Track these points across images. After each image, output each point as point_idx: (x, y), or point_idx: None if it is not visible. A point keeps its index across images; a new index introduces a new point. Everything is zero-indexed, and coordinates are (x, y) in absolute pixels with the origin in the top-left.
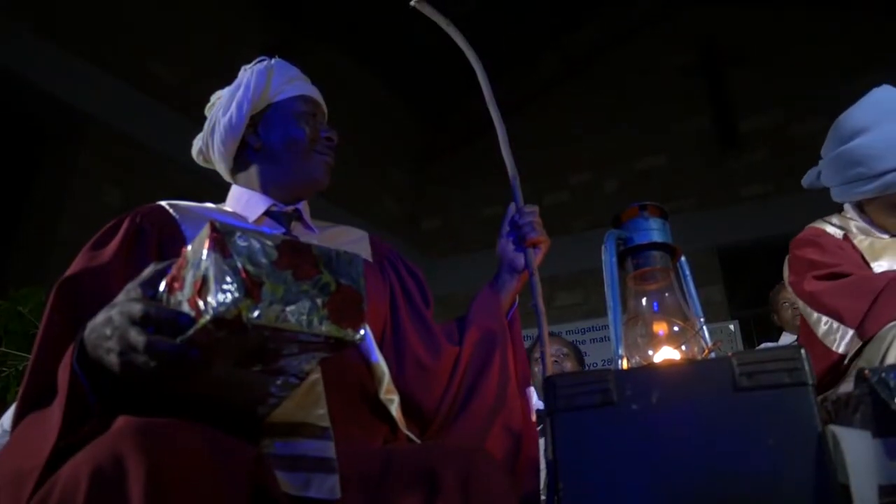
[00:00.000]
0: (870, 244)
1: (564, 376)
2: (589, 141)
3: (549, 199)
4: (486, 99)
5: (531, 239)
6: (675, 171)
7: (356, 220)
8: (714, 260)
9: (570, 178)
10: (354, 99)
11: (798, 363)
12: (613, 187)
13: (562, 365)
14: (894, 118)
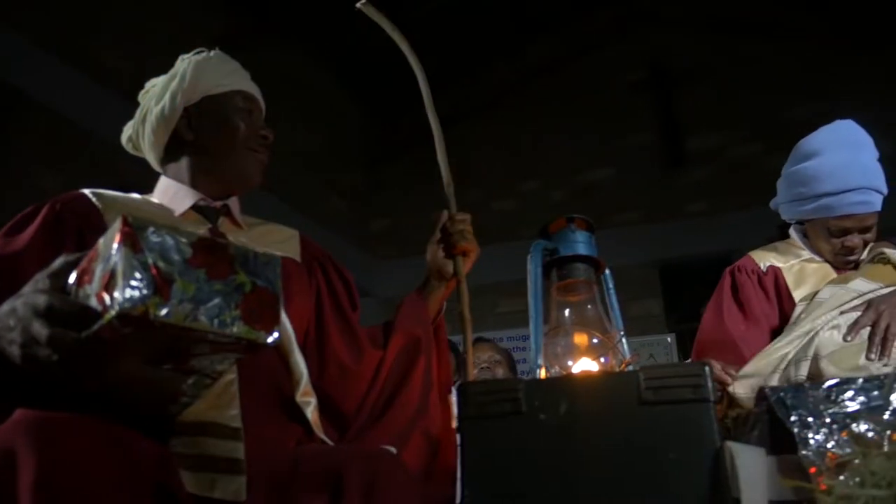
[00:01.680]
0: (799, 269)
1: (476, 384)
2: (539, 150)
3: (497, 206)
4: (426, 106)
5: (461, 247)
6: (621, 185)
7: (303, 219)
8: (654, 274)
9: (519, 186)
10: (308, 96)
11: (701, 380)
12: (561, 197)
13: (493, 372)
14: (844, 149)
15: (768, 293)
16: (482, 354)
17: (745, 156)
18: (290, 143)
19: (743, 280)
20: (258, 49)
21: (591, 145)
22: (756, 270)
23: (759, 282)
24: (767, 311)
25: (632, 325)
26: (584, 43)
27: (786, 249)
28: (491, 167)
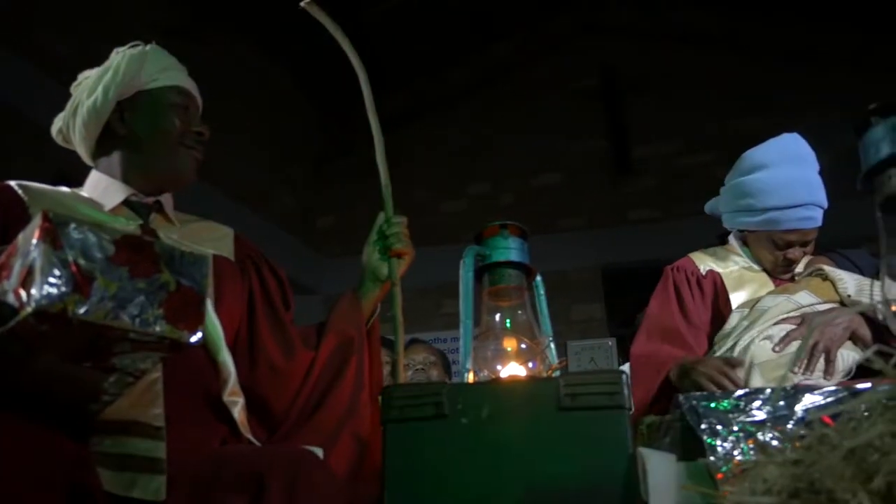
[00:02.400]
0: (738, 275)
1: (400, 387)
2: (489, 153)
3: (446, 208)
4: (367, 107)
5: (396, 249)
6: (569, 190)
7: (251, 214)
8: (598, 278)
9: (468, 188)
10: (259, 90)
11: (618, 388)
12: (509, 200)
13: (428, 373)
14: (792, 164)
15: (705, 296)
16: (417, 356)
17: (691, 165)
18: (239, 138)
19: (680, 279)
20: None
21: (540, 150)
22: (695, 272)
23: (697, 283)
24: (701, 312)
25: (574, 328)
26: (538, 49)
27: (725, 255)
28: (441, 168)
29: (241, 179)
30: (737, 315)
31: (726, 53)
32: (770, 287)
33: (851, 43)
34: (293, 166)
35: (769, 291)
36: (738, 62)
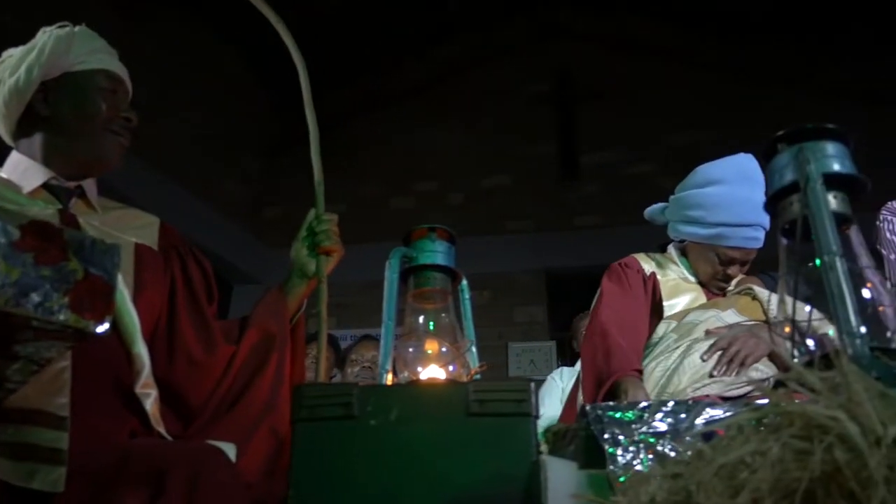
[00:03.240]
0: (675, 284)
1: (311, 387)
2: (440, 152)
3: (394, 204)
4: (305, 101)
5: (324, 247)
6: (517, 193)
7: (197, 201)
8: (542, 281)
9: (418, 185)
10: (212, 76)
11: (525, 395)
12: (458, 200)
13: (374, 371)
14: (745, 183)
15: (647, 295)
16: (366, 353)
17: (636, 175)
18: (189, 122)
19: (631, 274)
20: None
21: (491, 151)
22: (641, 271)
23: (643, 281)
24: (643, 310)
25: (516, 329)
26: (494, 50)
27: (664, 262)
28: (391, 164)
29: (189, 165)
30: (664, 325)
31: (678, 67)
32: (702, 300)
33: (795, 64)
34: (243, 155)
35: (699, 305)
36: (688, 76)
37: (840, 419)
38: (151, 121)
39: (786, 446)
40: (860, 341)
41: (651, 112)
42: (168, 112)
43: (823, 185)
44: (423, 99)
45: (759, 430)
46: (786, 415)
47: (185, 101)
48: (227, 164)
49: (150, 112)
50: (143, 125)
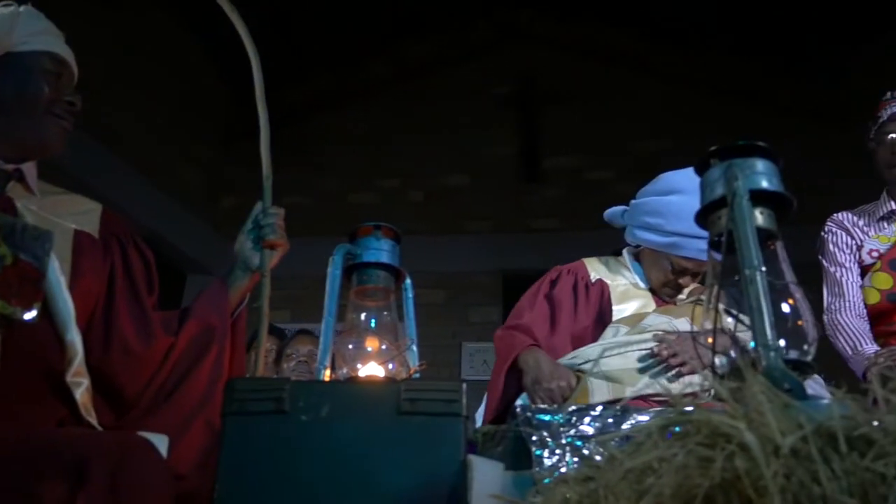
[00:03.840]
0: (625, 290)
1: (242, 380)
2: (402, 149)
3: (353, 199)
4: (257, 94)
5: (269, 241)
6: (477, 193)
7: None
8: (499, 282)
9: (379, 181)
10: (171, 62)
11: (456, 396)
12: (418, 198)
13: (311, 365)
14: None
15: (590, 303)
16: (302, 347)
17: (596, 180)
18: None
19: (566, 281)
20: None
21: (453, 151)
22: (585, 278)
23: (585, 289)
24: (582, 318)
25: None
26: (459, 49)
27: (616, 268)
28: (353, 159)
29: (145, 150)
30: (612, 330)
31: (640, 75)
32: (652, 306)
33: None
34: (200, 144)
35: (654, 310)
36: (650, 85)
37: (739, 429)
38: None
39: (690, 453)
40: (774, 354)
41: (612, 119)
42: (127, 98)
43: (750, 201)
44: (388, 96)
45: (662, 437)
46: (694, 423)
47: (144, 88)
48: (184, 152)
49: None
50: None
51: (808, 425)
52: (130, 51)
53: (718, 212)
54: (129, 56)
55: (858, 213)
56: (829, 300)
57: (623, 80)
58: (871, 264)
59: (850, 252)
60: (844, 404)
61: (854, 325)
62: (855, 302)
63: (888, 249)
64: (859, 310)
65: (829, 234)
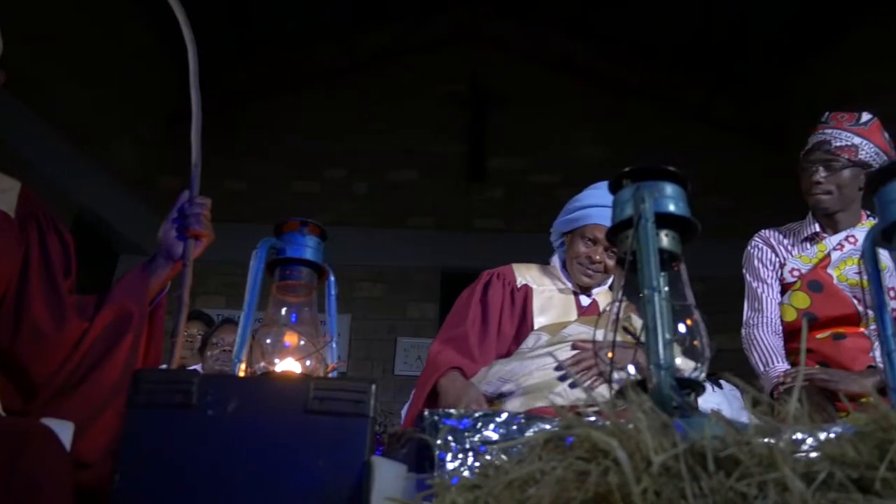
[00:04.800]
0: (549, 296)
1: (150, 372)
2: (350, 139)
3: (297, 187)
4: (191, 81)
5: (193, 230)
6: (422, 190)
7: (89, 162)
8: (437, 279)
9: (324, 171)
10: (117, 37)
11: (364, 397)
12: (363, 190)
13: None
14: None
15: (514, 308)
16: (227, 336)
17: (540, 184)
18: (89, 82)
19: (496, 286)
20: None
21: (400, 145)
22: (511, 283)
23: (510, 294)
24: (506, 323)
25: (408, 325)
26: (414, 44)
27: (544, 273)
28: (299, 147)
29: (85, 125)
30: (534, 337)
31: (588, 84)
32: (574, 313)
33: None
34: (142, 122)
35: (576, 319)
36: (596, 94)
37: (613, 445)
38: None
39: (569, 466)
40: (665, 373)
41: (559, 124)
42: (69, 72)
43: (654, 223)
44: (339, 85)
45: (545, 449)
46: (576, 437)
47: (87, 61)
48: (124, 129)
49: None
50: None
51: (681, 444)
52: (77, 23)
53: (626, 231)
54: (75, 29)
55: (785, 231)
56: (749, 314)
57: (572, 87)
58: (792, 283)
59: (772, 269)
60: (718, 425)
61: (768, 342)
62: (772, 318)
63: (809, 270)
64: (775, 326)
65: (754, 250)
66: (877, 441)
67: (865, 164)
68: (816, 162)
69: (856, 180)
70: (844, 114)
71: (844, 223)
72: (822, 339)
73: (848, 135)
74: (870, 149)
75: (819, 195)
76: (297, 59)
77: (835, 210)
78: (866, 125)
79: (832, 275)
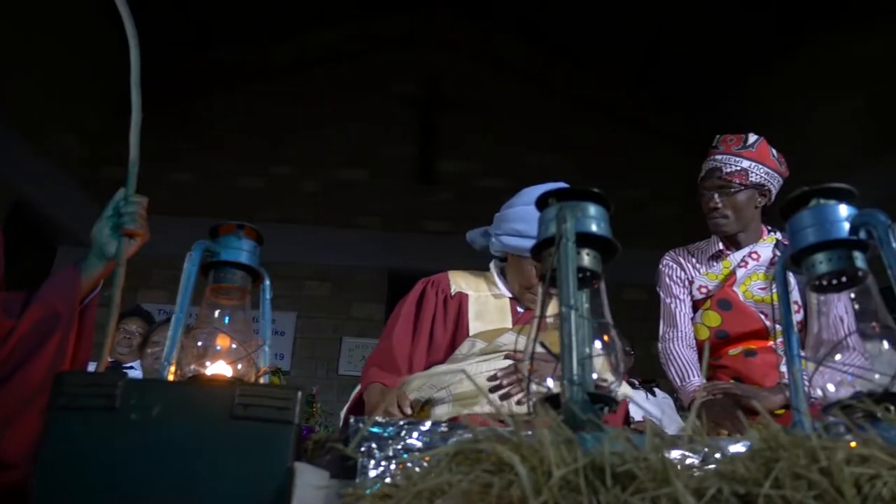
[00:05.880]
0: (484, 302)
1: (73, 374)
2: (300, 136)
3: (245, 183)
4: (132, 77)
5: (127, 229)
6: (371, 189)
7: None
8: (384, 280)
9: (271, 168)
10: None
11: (290, 403)
12: (311, 188)
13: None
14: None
15: (448, 316)
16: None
17: (489, 188)
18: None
19: (430, 295)
20: None
21: (350, 144)
22: (445, 291)
23: (444, 302)
24: (438, 332)
25: (352, 325)
26: (367, 44)
27: (480, 280)
28: (248, 142)
29: (25, 112)
30: (468, 344)
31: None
32: (509, 320)
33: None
34: (89, 111)
35: (511, 329)
36: (547, 102)
37: (514, 460)
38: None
39: (476, 479)
40: (577, 388)
41: (509, 130)
42: (10, 53)
43: (575, 243)
44: (291, 81)
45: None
46: (484, 451)
47: (31, 46)
48: (69, 117)
49: None
50: None
51: (582, 459)
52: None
53: (549, 249)
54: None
55: (692, 249)
56: (664, 330)
57: (524, 94)
58: (702, 301)
59: (682, 285)
60: (619, 441)
61: (684, 356)
62: (686, 332)
63: (716, 288)
64: (689, 340)
65: (665, 268)
66: (764, 459)
67: (758, 185)
68: (711, 189)
69: (751, 201)
70: (733, 136)
71: (746, 241)
72: (734, 354)
73: (737, 159)
74: (759, 170)
75: (717, 219)
76: (249, 54)
77: (735, 231)
78: (753, 147)
79: (738, 292)
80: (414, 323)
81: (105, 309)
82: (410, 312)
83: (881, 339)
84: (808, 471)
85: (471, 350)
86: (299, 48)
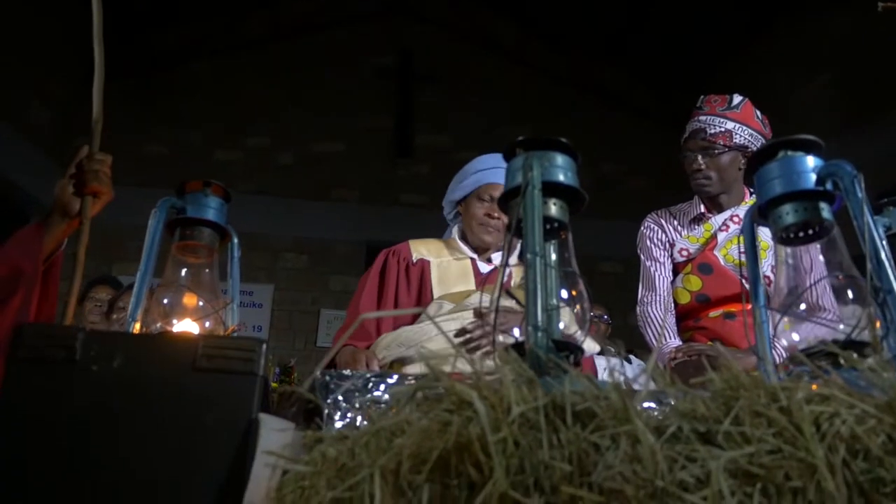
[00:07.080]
0: (447, 266)
1: (34, 327)
2: (275, 109)
3: (220, 155)
4: (94, 35)
5: (92, 187)
6: (349, 163)
7: None
8: (361, 253)
9: (247, 140)
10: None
11: (255, 355)
12: (288, 160)
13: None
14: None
15: (411, 284)
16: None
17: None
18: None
19: (392, 264)
20: None
21: (327, 117)
22: (406, 259)
23: (405, 270)
24: (403, 298)
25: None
26: (344, 15)
27: (441, 246)
28: (223, 114)
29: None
30: (436, 304)
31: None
32: (472, 281)
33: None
34: (57, 79)
35: (479, 289)
36: (525, 77)
37: (472, 396)
38: None
39: (435, 418)
40: (542, 334)
41: (486, 104)
42: None
43: (541, 191)
44: (267, 52)
45: (412, 402)
46: (444, 390)
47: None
48: (37, 86)
49: None
50: None
51: (543, 398)
52: None
53: (516, 199)
54: None
55: (675, 212)
56: (642, 293)
57: (501, 68)
58: (683, 264)
59: (663, 248)
60: (580, 381)
61: (661, 319)
62: (664, 296)
63: (697, 251)
64: (667, 304)
65: (646, 230)
66: (725, 399)
67: (742, 147)
68: (694, 150)
69: (735, 163)
70: (717, 97)
71: (728, 203)
72: (714, 317)
73: (721, 120)
74: (744, 132)
75: (700, 181)
76: (224, 25)
77: (717, 193)
78: (738, 108)
79: (719, 256)
80: (378, 292)
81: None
82: (375, 282)
83: (846, 289)
84: (768, 409)
85: (439, 311)
86: (275, 20)
